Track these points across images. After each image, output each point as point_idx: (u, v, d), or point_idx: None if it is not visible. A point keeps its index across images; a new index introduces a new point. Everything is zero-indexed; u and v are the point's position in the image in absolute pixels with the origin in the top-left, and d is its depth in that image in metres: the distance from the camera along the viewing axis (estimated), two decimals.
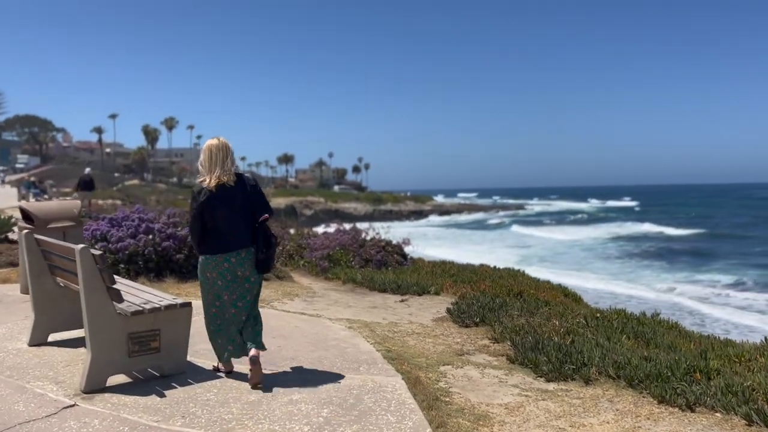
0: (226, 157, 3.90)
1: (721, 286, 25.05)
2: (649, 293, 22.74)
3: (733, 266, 30.81)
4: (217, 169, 3.87)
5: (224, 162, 3.89)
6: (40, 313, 4.84)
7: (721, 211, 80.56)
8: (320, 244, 9.76)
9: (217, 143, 3.95)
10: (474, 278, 8.76)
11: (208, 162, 3.92)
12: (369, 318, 6.21)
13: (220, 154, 3.90)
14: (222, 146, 3.94)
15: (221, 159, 3.89)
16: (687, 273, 29.24)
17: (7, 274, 8.28)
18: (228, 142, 4.00)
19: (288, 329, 5.35)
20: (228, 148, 3.96)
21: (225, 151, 3.92)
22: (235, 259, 3.90)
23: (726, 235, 48.03)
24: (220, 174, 3.86)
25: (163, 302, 4.07)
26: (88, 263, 3.77)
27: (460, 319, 6.07)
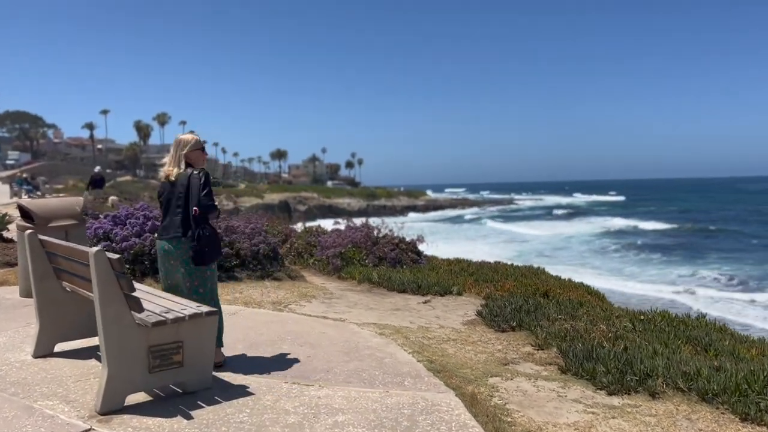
0: (175, 151, 4.16)
1: (723, 282, 24.87)
2: (651, 290, 22.47)
3: (729, 261, 30.64)
4: (170, 162, 4.17)
5: (173, 156, 4.16)
6: (46, 321, 4.40)
7: (709, 205, 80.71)
8: (332, 242, 9.34)
9: (176, 138, 4.23)
10: (495, 277, 8.37)
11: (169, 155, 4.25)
12: (395, 322, 5.80)
13: (173, 148, 4.19)
14: (175, 142, 4.21)
15: (172, 153, 4.18)
16: (687, 268, 29.05)
17: (4, 276, 7.82)
18: (185, 138, 4.20)
19: (314, 336, 4.94)
20: (178, 144, 4.16)
21: (175, 146, 4.18)
22: (168, 246, 4.13)
23: (718, 230, 48.00)
24: (168, 167, 4.17)
25: (186, 310, 3.65)
26: (103, 268, 3.34)
27: (495, 323, 5.67)
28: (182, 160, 4.11)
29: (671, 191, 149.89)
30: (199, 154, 4.18)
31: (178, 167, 4.10)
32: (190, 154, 4.13)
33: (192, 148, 4.14)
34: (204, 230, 4.00)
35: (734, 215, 62.91)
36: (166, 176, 4.14)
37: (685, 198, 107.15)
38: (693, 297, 21.00)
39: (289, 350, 4.51)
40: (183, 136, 4.19)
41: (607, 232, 49.45)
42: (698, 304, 19.46)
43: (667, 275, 26.86)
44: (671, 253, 34.74)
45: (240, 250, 7.89)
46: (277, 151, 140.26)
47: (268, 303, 6.36)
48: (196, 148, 4.16)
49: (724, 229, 47.98)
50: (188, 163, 4.12)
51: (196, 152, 4.15)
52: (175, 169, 4.10)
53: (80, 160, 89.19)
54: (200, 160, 4.18)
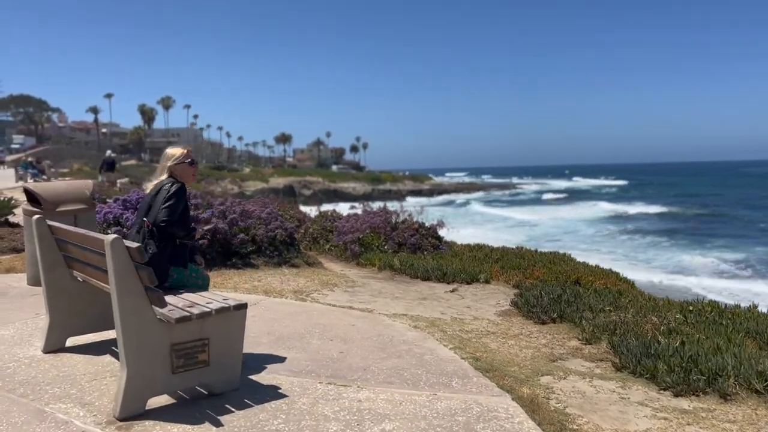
0: (160, 163, 3.87)
1: (735, 267, 24.46)
2: (665, 276, 22.07)
3: (738, 246, 30.16)
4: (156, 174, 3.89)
5: (159, 168, 3.87)
6: (56, 314, 4.06)
7: (713, 189, 79.80)
8: (349, 228, 8.98)
9: (164, 151, 3.96)
10: (522, 263, 8.01)
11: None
12: (426, 313, 5.46)
13: (161, 160, 3.90)
14: (163, 154, 3.93)
15: (159, 165, 3.89)
16: (696, 253, 28.59)
17: (10, 262, 7.50)
18: (171, 150, 3.92)
19: (343, 328, 4.59)
20: (164, 156, 3.88)
21: (162, 159, 3.88)
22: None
23: (724, 214, 47.44)
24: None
25: (212, 304, 3.29)
26: (121, 258, 2.98)
27: (533, 314, 5.32)
28: (165, 172, 3.76)
29: (673, 175, 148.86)
30: (186, 167, 3.78)
31: (157, 178, 3.77)
32: (176, 167, 3.76)
33: (177, 161, 3.77)
34: (148, 247, 3.51)
35: (739, 199, 62.24)
36: (149, 188, 3.83)
37: (687, 182, 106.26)
38: (708, 282, 20.61)
39: (320, 345, 4.17)
40: (171, 149, 3.90)
41: (612, 216, 48.93)
42: (714, 290, 19.08)
43: (678, 260, 26.44)
44: (679, 238, 34.22)
45: (256, 236, 7.54)
46: (281, 135, 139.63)
47: (290, 292, 6.01)
48: (182, 161, 3.77)
49: (730, 214, 47.44)
50: (174, 178, 3.74)
51: (182, 165, 3.77)
52: (155, 179, 3.79)
53: (85, 144, 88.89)
54: (187, 174, 3.79)
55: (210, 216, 7.15)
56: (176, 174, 3.75)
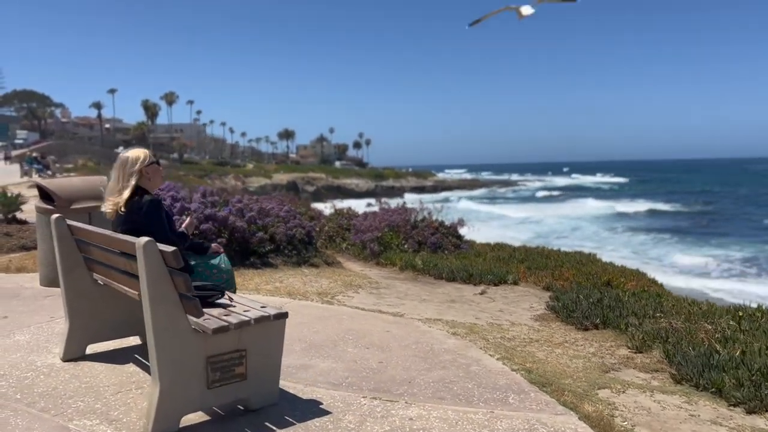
0: (121, 172, 3.25)
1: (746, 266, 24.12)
2: (679, 276, 21.75)
3: (748, 244, 29.79)
4: (114, 189, 3.30)
5: (118, 178, 3.26)
6: (76, 319, 3.80)
7: (716, 187, 79.11)
8: (368, 226, 8.71)
9: (120, 157, 3.31)
10: (548, 264, 7.74)
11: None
12: (458, 317, 5.20)
13: (118, 170, 3.26)
14: (120, 162, 3.27)
15: (116, 176, 3.28)
16: (706, 250, 28.23)
17: (21, 261, 7.25)
18: (132, 155, 3.28)
19: (378, 335, 4.33)
20: (128, 162, 3.24)
21: (121, 166, 3.26)
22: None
23: (728, 211, 47.03)
24: (112, 196, 3.30)
25: (250, 312, 3.03)
26: (154, 264, 2.71)
27: (573, 319, 5.05)
28: (133, 177, 3.16)
29: (675, 172, 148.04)
30: (156, 168, 3.27)
31: (119, 191, 3.17)
32: (148, 170, 3.21)
33: (147, 162, 3.21)
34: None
35: (743, 196, 61.74)
36: (115, 209, 3.21)
37: (691, 179, 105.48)
38: (724, 284, 20.28)
39: (356, 353, 3.91)
40: (131, 152, 3.25)
41: (615, 213, 48.51)
42: (733, 293, 18.73)
43: (688, 259, 26.07)
44: (684, 236, 33.75)
45: (275, 234, 7.28)
46: (285, 131, 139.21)
47: (314, 294, 5.75)
48: (151, 161, 3.24)
49: (735, 211, 47.04)
50: (140, 187, 3.20)
51: (152, 167, 3.24)
52: (126, 192, 3.15)
53: (88, 140, 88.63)
54: (158, 175, 3.30)
55: (227, 214, 6.89)
56: (148, 176, 3.22)
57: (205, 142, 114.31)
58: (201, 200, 7.10)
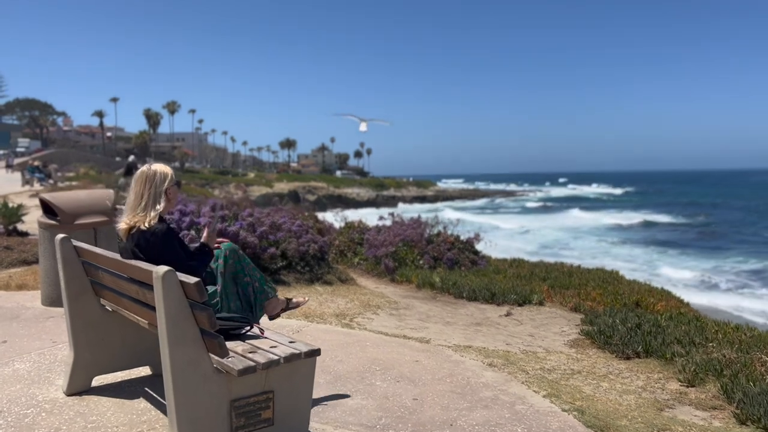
0: (149, 188, 2.95)
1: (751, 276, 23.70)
2: (691, 292, 21.35)
3: (754, 256, 29.38)
4: (138, 205, 2.95)
5: (147, 194, 2.94)
6: (82, 350, 3.47)
7: (718, 199, 78.54)
8: (381, 240, 8.39)
9: (145, 172, 2.98)
10: (571, 282, 7.42)
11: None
12: (488, 342, 4.87)
13: (144, 184, 2.95)
14: (148, 176, 2.96)
15: (140, 190, 2.96)
16: (713, 262, 27.81)
17: (21, 277, 6.92)
18: (161, 171, 2.99)
19: (407, 365, 4.00)
20: (156, 179, 2.96)
21: (149, 181, 2.96)
22: None
23: (731, 223, 46.63)
24: (136, 213, 2.94)
25: (278, 349, 2.69)
26: (174, 296, 2.40)
27: (612, 346, 4.71)
28: (162, 198, 2.88)
29: (672, 183, 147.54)
30: (176, 190, 3.02)
31: (154, 210, 2.86)
32: (170, 191, 2.94)
33: (171, 183, 2.95)
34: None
35: (747, 207, 61.33)
36: (131, 228, 2.89)
37: (693, 191, 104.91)
38: (741, 300, 19.84)
39: (386, 388, 3.57)
40: (160, 168, 2.97)
41: (616, 225, 48.01)
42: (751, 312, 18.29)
43: (695, 273, 25.64)
44: (687, 248, 33.25)
45: (287, 250, 6.96)
46: (286, 141, 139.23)
47: (332, 315, 5.43)
48: (174, 182, 2.98)
49: (738, 222, 46.67)
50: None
51: (174, 188, 2.98)
52: (152, 212, 2.85)
53: (90, 148, 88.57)
54: (175, 197, 3.04)
55: (238, 228, 6.58)
56: (170, 198, 2.95)
57: (207, 151, 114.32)
58: (210, 214, 6.78)
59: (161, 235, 2.81)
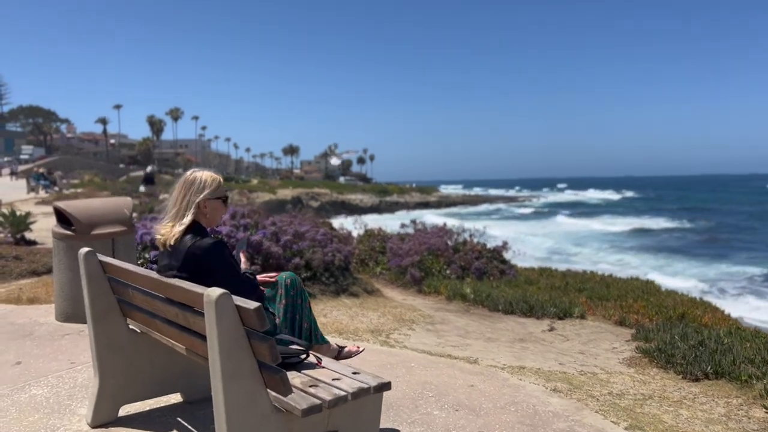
0: (185, 195, 2.61)
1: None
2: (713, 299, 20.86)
3: (760, 259, 28.86)
4: (173, 213, 2.64)
5: (180, 202, 2.61)
6: (108, 377, 3.11)
7: (725, 205, 77.68)
8: (407, 249, 8.03)
9: (187, 177, 2.66)
10: (609, 293, 7.05)
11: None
12: (540, 361, 4.50)
13: (182, 189, 2.63)
14: (187, 181, 2.64)
15: (178, 197, 2.63)
16: (725, 265, 27.31)
17: (32, 289, 6.57)
18: (200, 177, 2.64)
19: (462, 391, 3.63)
20: (193, 185, 2.61)
21: (187, 188, 2.63)
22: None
23: (739, 227, 46.13)
24: (168, 224, 2.63)
25: (343, 382, 2.33)
26: (230, 325, 2.04)
27: (677, 366, 4.34)
28: (191, 209, 2.52)
29: (673, 188, 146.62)
30: (219, 206, 2.62)
31: (180, 223, 2.51)
32: (207, 204, 2.56)
33: (211, 195, 2.57)
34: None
35: (757, 212, 60.71)
36: (164, 241, 2.56)
37: (695, 196, 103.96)
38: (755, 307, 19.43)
39: (446, 418, 3.21)
40: (201, 173, 2.61)
41: (624, 230, 47.42)
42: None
43: (713, 279, 25.17)
44: (693, 254, 32.69)
45: (311, 260, 6.60)
46: (289, 147, 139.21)
47: (366, 331, 5.07)
48: (217, 194, 2.59)
49: (747, 227, 46.15)
50: (195, 221, 2.55)
51: (215, 202, 2.59)
52: (178, 226, 2.51)
53: (93, 155, 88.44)
54: (217, 216, 2.64)
55: (261, 238, 6.23)
56: (205, 212, 2.56)
57: (210, 157, 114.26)
58: (231, 223, 6.44)
59: (212, 248, 2.47)
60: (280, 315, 2.89)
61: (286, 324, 2.90)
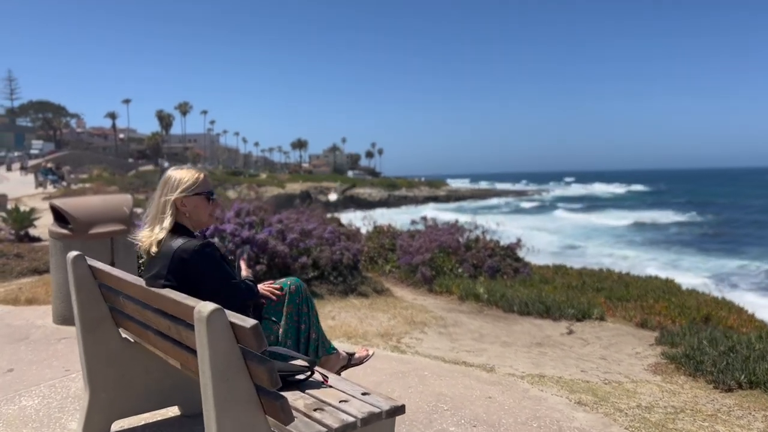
0: (159, 197, 2.37)
1: None
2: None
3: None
4: (151, 218, 2.40)
5: (156, 205, 2.37)
6: (99, 390, 2.89)
7: (740, 199, 76.53)
8: (417, 247, 7.78)
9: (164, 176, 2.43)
10: (629, 293, 6.77)
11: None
12: (560, 369, 4.25)
13: (158, 190, 2.40)
14: (162, 181, 2.40)
15: (155, 201, 2.39)
16: (737, 261, 26.76)
17: (32, 289, 6.39)
18: (174, 175, 2.38)
19: (480, 404, 3.38)
20: (166, 185, 2.35)
21: (161, 188, 2.38)
22: None
23: (743, 220, 45.42)
24: (146, 230, 2.39)
25: (350, 405, 2.09)
26: (223, 344, 1.80)
27: (707, 374, 4.07)
28: (168, 210, 2.28)
29: (685, 182, 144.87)
30: (200, 202, 2.34)
31: (159, 226, 2.28)
32: (185, 202, 2.30)
33: (187, 191, 2.30)
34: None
35: (763, 206, 59.67)
36: (145, 248, 2.33)
37: (705, 189, 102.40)
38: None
39: None
40: (176, 171, 2.37)
41: (633, 224, 46.77)
42: None
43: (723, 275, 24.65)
44: (713, 249, 32.07)
45: (319, 259, 6.37)
46: (297, 141, 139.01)
47: (376, 335, 4.83)
48: (195, 191, 2.32)
49: (759, 221, 45.39)
50: (179, 224, 2.31)
51: (194, 199, 2.32)
52: (157, 229, 2.28)
53: (102, 150, 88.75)
54: (202, 213, 2.36)
55: (267, 236, 6.00)
56: (186, 211, 2.31)
57: (219, 151, 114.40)
58: (236, 220, 6.21)
59: (197, 254, 2.23)
60: (283, 324, 2.65)
61: (290, 334, 2.66)
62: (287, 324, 2.64)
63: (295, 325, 2.66)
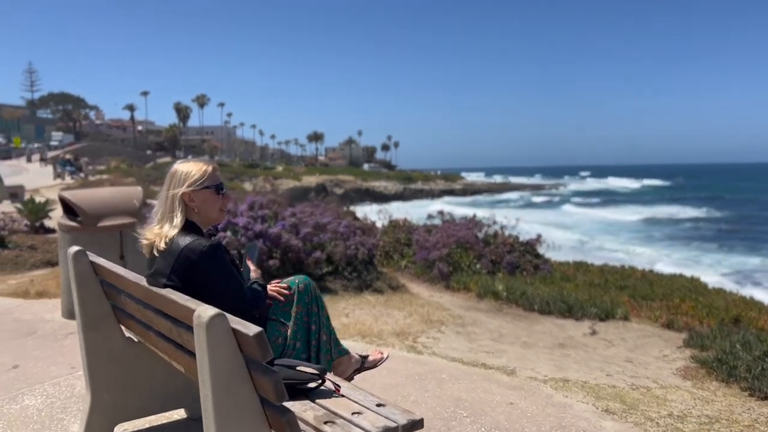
0: (166, 193, 2.21)
1: None
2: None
3: None
4: (159, 216, 2.23)
5: (163, 202, 2.21)
6: (101, 392, 2.76)
7: (753, 192, 74.79)
8: (434, 242, 7.59)
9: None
10: (654, 292, 6.52)
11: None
12: (584, 372, 4.05)
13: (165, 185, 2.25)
14: (168, 175, 2.25)
15: (162, 197, 2.24)
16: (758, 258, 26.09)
17: (43, 282, 6.32)
18: (181, 169, 2.21)
19: (501, 411, 3.20)
20: (172, 179, 2.20)
21: (167, 182, 2.23)
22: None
23: (762, 216, 44.37)
24: (154, 228, 2.22)
25: (364, 418, 1.92)
26: (224, 352, 1.64)
27: (741, 380, 3.85)
28: (176, 204, 2.13)
29: (700, 177, 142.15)
30: (209, 196, 2.18)
31: (169, 223, 2.13)
32: (193, 196, 2.14)
33: (194, 185, 2.14)
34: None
35: None
36: (151, 245, 2.17)
37: (723, 184, 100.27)
38: None
39: None
40: (182, 165, 2.21)
41: (649, 218, 45.94)
42: None
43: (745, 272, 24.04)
44: (733, 245, 31.25)
45: (333, 254, 6.22)
46: (313, 134, 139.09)
47: (391, 334, 4.66)
48: (203, 185, 2.15)
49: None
50: (188, 220, 2.16)
51: (202, 193, 2.15)
52: (166, 226, 2.13)
53: (121, 142, 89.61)
54: (211, 208, 2.20)
55: (280, 230, 5.85)
56: (194, 206, 2.16)
57: (236, 144, 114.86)
58: (249, 214, 6.07)
59: (203, 255, 2.07)
60: (292, 325, 2.49)
61: (300, 336, 2.49)
62: (296, 325, 2.47)
63: (305, 326, 2.50)
